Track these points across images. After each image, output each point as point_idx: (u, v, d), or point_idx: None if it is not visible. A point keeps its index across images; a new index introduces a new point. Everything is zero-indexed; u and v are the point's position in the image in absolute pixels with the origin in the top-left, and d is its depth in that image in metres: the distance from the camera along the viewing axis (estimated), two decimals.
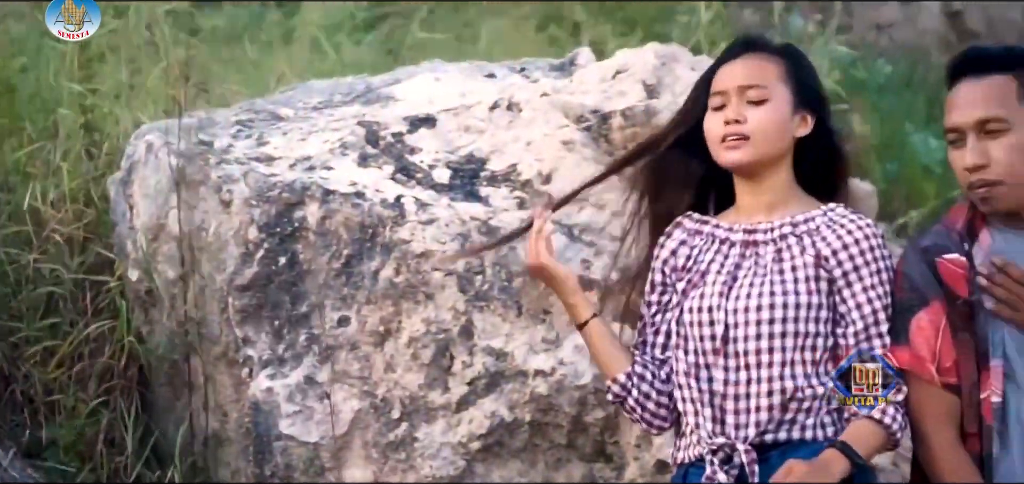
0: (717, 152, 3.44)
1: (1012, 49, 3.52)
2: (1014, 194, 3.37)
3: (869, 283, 3.42)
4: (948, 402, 3.40)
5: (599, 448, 4.14)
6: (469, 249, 4.04)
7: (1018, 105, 3.35)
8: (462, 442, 4.05)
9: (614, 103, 4.54)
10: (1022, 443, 3.37)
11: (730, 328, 3.39)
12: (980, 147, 3.36)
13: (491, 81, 4.84)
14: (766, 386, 3.36)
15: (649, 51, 4.72)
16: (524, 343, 4.07)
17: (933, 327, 3.41)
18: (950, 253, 3.44)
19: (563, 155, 4.36)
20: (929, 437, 3.41)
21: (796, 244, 3.44)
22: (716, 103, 3.46)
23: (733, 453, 3.36)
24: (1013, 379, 3.37)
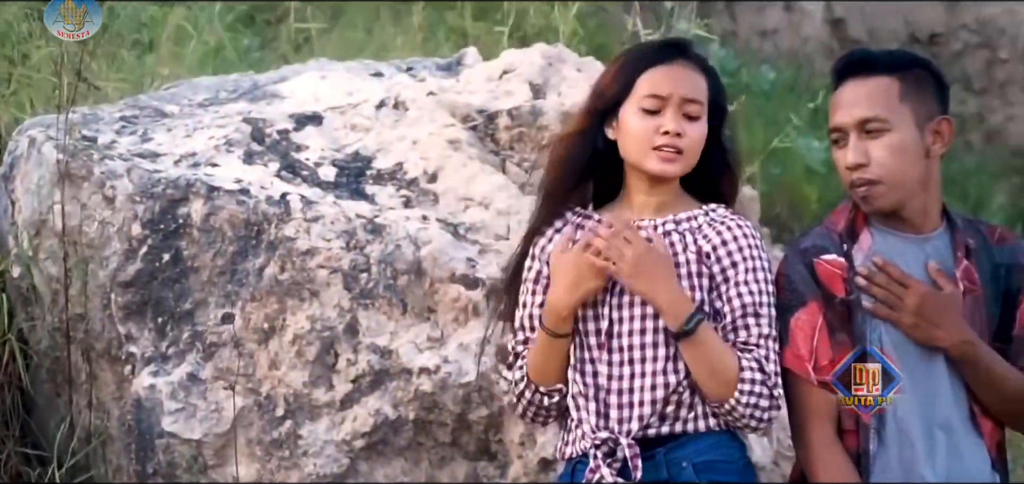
0: (643, 155, 3.46)
1: (896, 53, 3.62)
2: (893, 194, 3.45)
3: (743, 279, 3.47)
4: (825, 400, 3.47)
5: (483, 446, 4.16)
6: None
7: (899, 106, 3.43)
8: (346, 440, 4.04)
9: (501, 103, 4.56)
10: (898, 440, 3.44)
11: (614, 323, 3.42)
12: (861, 146, 3.44)
13: (378, 80, 4.85)
14: (649, 381, 3.40)
15: (536, 51, 4.75)
16: (409, 341, 4.07)
17: (810, 326, 3.48)
18: (828, 254, 3.51)
19: (449, 154, 4.37)
20: (806, 434, 3.48)
21: (679, 241, 3.48)
22: (651, 106, 3.46)
23: (616, 447, 3.39)
24: None
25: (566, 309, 3.38)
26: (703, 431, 3.43)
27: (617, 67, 3.52)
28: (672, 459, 3.41)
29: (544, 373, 3.44)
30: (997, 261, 3.55)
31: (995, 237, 3.60)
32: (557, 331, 3.40)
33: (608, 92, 3.49)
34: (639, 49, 3.63)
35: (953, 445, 3.45)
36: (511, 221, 4.25)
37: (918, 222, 3.52)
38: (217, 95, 4.80)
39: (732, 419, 3.43)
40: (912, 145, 3.45)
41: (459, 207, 4.29)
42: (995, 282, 3.54)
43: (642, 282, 3.37)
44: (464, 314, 4.10)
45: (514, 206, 4.27)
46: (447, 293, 4.09)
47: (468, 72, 4.85)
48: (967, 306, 3.48)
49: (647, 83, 3.46)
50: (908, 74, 3.48)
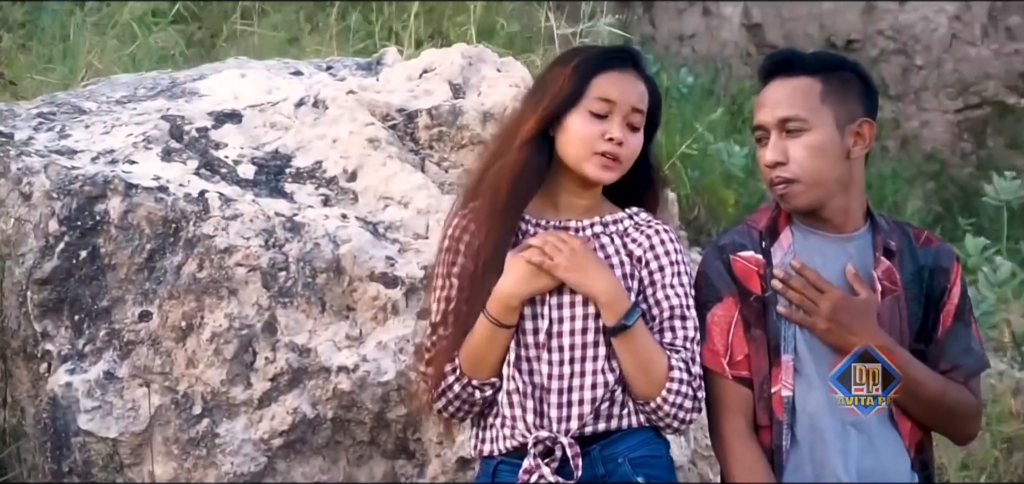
0: (584, 159, 3.48)
1: (822, 55, 3.67)
2: (810, 193, 3.50)
3: (669, 282, 3.51)
4: (740, 395, 3.51)
5: (401, 445, 4.16)
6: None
7: (820, 106, 3.48)
8: (264, 438, 4.03)
9: (420, 102, 4.57)
10: (810, 437, 3.48)
11: (554, 322, 3.44)
12: (780, 145, 3.49)
13: (297, 78, 4.84)
14: (589, 380, 3.43)
15: (456, 51, 4.76)
16: (327, 340, 4.06)
17: (726, 322, 3.52)
18: (746, 251, 3.56)
19: (369, 153, 4.37)
20: (720, 427, 3.52)
21: (609, 244, 3.51)
22: (600, 110, 3.48)
23: (553, 446, 3.41)
24: (803, 374, 3.49)
25: (516, 300, 3.40)
26: (635, 427, 3.48)
27: (570, 69, 3.50)
28: (607, 455, 3.45)
29: (481, 365, 3.45)
30: (921, 263, 3.60)
31: (921, 240, 3.65)
32: (504, 321, 3.41)
33: (561, 94, 3.48)
34: (591, 52, 3.63)
35: (867, 443, 3.49)
36: (430, 220, 4.25)
37: (839, 222, 3.56)
38: (135, 92, 4.77)
39: (656, 418, 3.47)
40: (831, 145, 3.49)
41: (378, 206, 4.29)
42: (918, 283, 3.58)
43: (579, 275, 3.39)
44: (383, 313, 4.10)
45: (433, 205, 4.28)
46: (366, 292, 4.09)
47: (388, 71, 4.85)
48: (887, 306, 3.53)
49: (599, 87, 3.48)
50: (832, 76, 3.53)
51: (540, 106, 3.49)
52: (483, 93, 4.59)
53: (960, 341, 3.60)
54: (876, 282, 3.53)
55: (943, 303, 3.61)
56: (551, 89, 3.50)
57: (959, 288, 3.63)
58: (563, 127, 3.47)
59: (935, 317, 3.60)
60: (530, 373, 3.45)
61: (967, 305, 3.65)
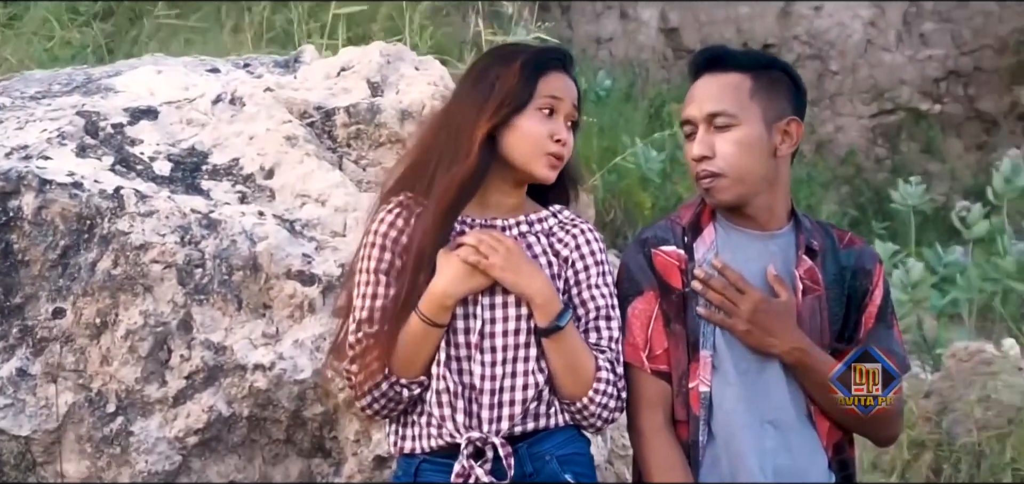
0: (535, 159, 3.49)
1: (753, 53, 3.70)
2: (735, 188, 3.52)
3: (595, 282, 3.53)
4: (658, 389, 3.53)
5: (318, 443, 4.14)
6: None
7: (749, 102, 3.50)
8: (179, 436, 4.00)
9: (338, 100, 4.56)
10: (726, 433, 3.50)
11: (487, 323, 3.44)
12: (707, 139, 3.51)
13: (214, 75, 4.81)
14: (521, 380, 3.44)
15: (374, 50, 4.75)
16: (243, 338, 4.04)
17: (646, 315, 3.54)
18: (668, 245, 3.57)
19: (286, 150, 4.35)
20: (638, 421, 3.54)
21: (536, 243, 3.52)
22: (548, 107, 3.49)
23: (484, 447, 3.41)
24: (721, 371, 3.50)
25: (450, 299, 3.40)
26: (561, 426, 3.49)
27: (517, 68, 3.50)
28: (535, 453, 3.46)
29: (411, 364, 3.43)
30: (843, 264, 3.63)
31: (844, 241, 3.68)
32: (437, 321, 3.40)
33: (513, 94, 3.48)
34: (531, 51, 3.60)
35: (783, 441, 3.51)
36: (348, 218, 4.24)
37: (763, 220, 3.58)
38: (50, 88, 4.72)
39: (581, 417, 3.49)
40: (758, 142, 3.52)
41: (296, 203, 4.27)
42: (840, 284, 3.61)
43: (514, 275, 3.40)
44: (300, 311, 4.08)
45: (351, 203, 4.26)
46: (283, 289, 4.07)
47: (305, 69, 4.83)
48: (808, 306, 3.55)
49: (546, 87, 3.49)
50: (762, 73, 3.56)
51: (490, 106, 3.48)
52: (401, 91, 4.58)
53: (881, 343, 3.63)
54: (798, 281, 3.56)
55: (865, 305, 3.64)
56: (499, 89, 3.48)
57: (881, 290, 3.66)
58: (512, 126, 3.47)
59: (857, 319, 3.63)
60: (460, 373, 3.45)
61: (889, 307, 3.68)
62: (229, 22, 8.29)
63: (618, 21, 16.15)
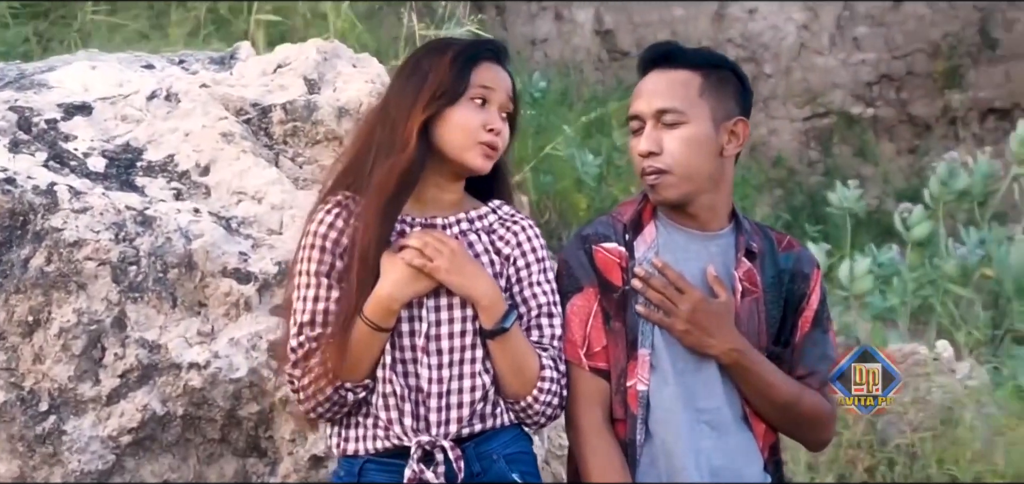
0: (468, 149, 3.47)
1: (703, 51, 3.68)
2: (681, 186, 3.51)
3: (537, 279, 3.52)
4: (597, 386, 3.52)
5: (253, 443, 4.10)
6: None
7: (698, 100, 3.49)
8: (112, 436, 3.94)
9: (275, 97, 4.52)
10: (663, 433, 3.49)
11: (432, 325, 3.41)
12: (655, 135, 3.50)
13: (149, 71, 4.76)
14: (469, 382, 3.42)
15: (311, 46, 4.72)
16: (178, 336, 3.99)
17: (585, 312, 3.53)
18: (610, 242, 3.56)
19: (222, 147, 4.31)
20: (577, 419, 3.53)
21: (476, 240, 3.50)
22: (481, 97, 3.47)
23: (433, 450, 3.39)
24: (659, 370, 3.50)
25: (397, 303, 3.37)
26: (506, 425, 3.48)
27: (449, 59, 3.48)
28: (482, 452, 3.46)
29: (356, 368, 3.40)
30: (782, 267, 3.64)
31: (783, 244, 3.69)
32: (383, 325, 3.37)
33: (445, 84, 3.45)
34: (464, 43, 3.58)
35: (720, 441, 3.51)
36: (284, 215, 4.21)
37: (705, 219, 3.58)
38: None
39: (524, 416, 3.48)
40: (706, 140, 3.51)
41: (232, 201, 4.23)
42: (778, 287, 3.62)
43: (459, 278, 3.37)
44: (235, 309, 4.04)
45: (288, 200, 4.23)
46: (219, 287, 4.03)
47: (241, 66, 4.79)
48: (746, 308, 3.55)
49: (479, 77, 3.47)
50: (711, 72, 3.55)
51: (423, 97, 3.45)
52: (338, 89, 4.55)
53: (817, 347, 3.64)
54: (737, 283, 3.56)
55: (802, 309, 3.65)
56: (431, 80, 3.46)
57: (818, 295, 3.67)
58: (445, 118, 3.45)
59: (793, 322, 3.63)
60: (405, 376, 3.42)
61: (825, 312, 3.69)
62: (163, 18, 8.23)
63: (553, 22, 16.16)
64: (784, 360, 3.61)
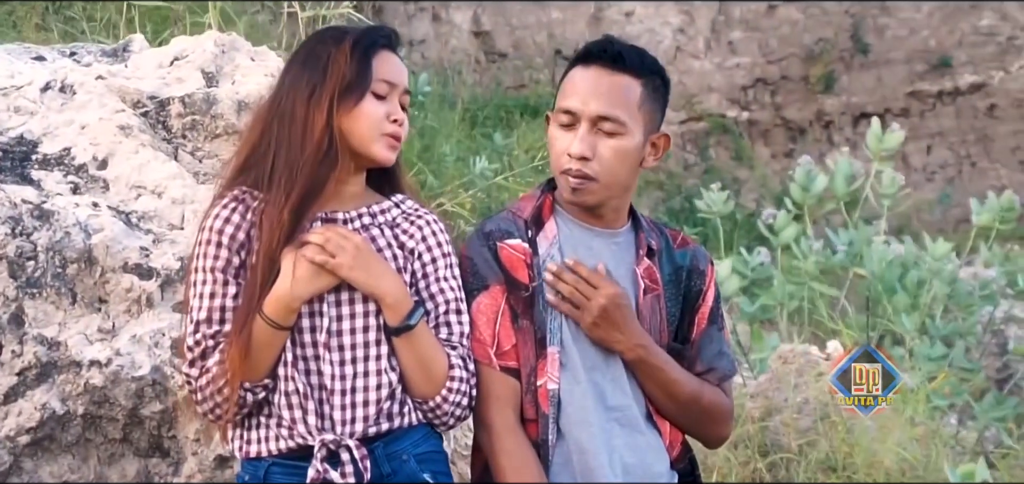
0: (373, 142, 3.39)
1: (643, 54, 3.57)
2: (602, 193, 3.46)
3: (443, 275, 3.46)
4: (508, 386, 3.45)
5: (155, 442, 3.99)
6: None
7: (637, 112, 3.43)
8: (9, 436, 3.81)
9: (172, 89, 4.42)
10: (575, 432, 3.44)
11: (333, 321, 3.33)
12: (590, 139, 3.42)
13: (41, 63, 4.63)
14: (374, 380, 3.35)
15: (208, 39, 4.62)
16: (79, 333, 3.88)
17: (492, 311, 3.46)
18: (513, 239, 3.50)
19: (120, 140, 4.20)
20: (489, 420, 3.46)
21: (380, 236, 3.42)
22: (382, 91, 3.39)
23: (337, 449, 3.31)
24: (568, 368, 3.45)
25: (298, 301, 3.28)
26: (415, 424, 3.41)
27: (347, 50, 3.38)
28: (392, 452, 3.38)
29: (256, 368, 3.31)
30: (678, 264, 3.61)
31: (677, 241, 3.66)
32: (283, 324, 3.28)
33: (349, 77, 3.36)
34: (360, 31, 3.46)
35: (630, 439, 3.48)
36: (186, 210, 4.11)
37: (610, 219, 3.54)
38: None
39: (433, 416, 3.42)
40: (635, 153, 3.46)
41: (131, 195, 4.12)
42: (676, 284, 3.59)
43: (363, 274, 3.30)
44: (137, 305, 3.94)
45: (189, 195, 4.13)
46: (119, 283, 3.92)
47: (136, 58, 4.67)
48: (648, 305, 3.53)
49: (379, 69, 3.39)
50: (648, 81, 3.48)
51: (327, 91, 3.35)
52: (237, 82, 4.46)
53: (714, 344, 3.63)
54: (639, 279, 3.53)
55: (698, 305, 3.63)
56: (333, 73, 3.36)
57: (713, 292, 3.66)
58: (348, 111, 3.36)
59: (690, 319, 3.62)
60: (307, 373, 3.34)
61: (719, 309, 3.67)
62: (32, 18, 8.06)
63: (430, 23, 16.12)
64: (684, 357, 3.59)
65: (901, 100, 17.17)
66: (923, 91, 17.47)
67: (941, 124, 16.13)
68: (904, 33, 17.15)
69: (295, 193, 3.31)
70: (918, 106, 17.29)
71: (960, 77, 17.51)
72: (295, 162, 3.33)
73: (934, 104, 17.54)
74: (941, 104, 17.56)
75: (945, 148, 16.86)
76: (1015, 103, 17.72)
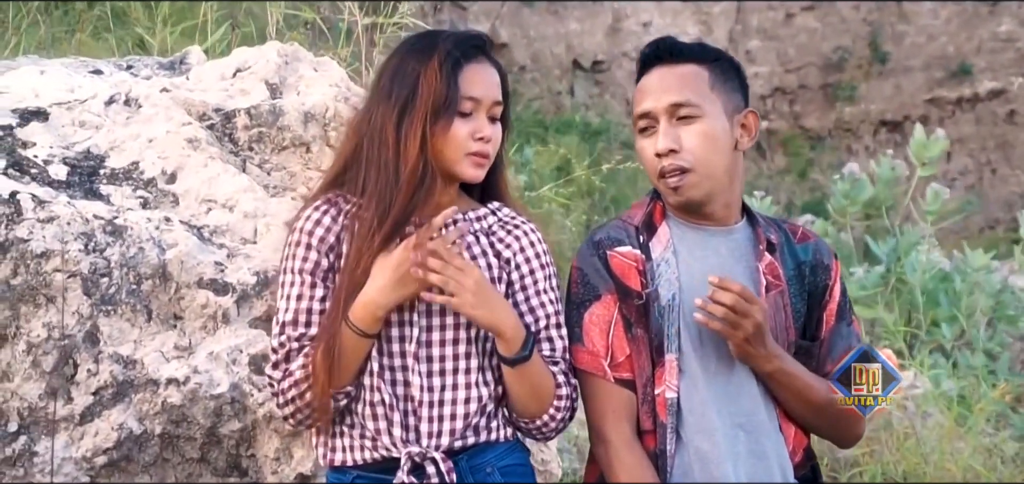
0: (458, 162, 3.31)
1: (701, 44, 3.55)
2: (704, 184, 3.38)
3: (543, 288, 3.39)
4: (623, 398, 3.38)
5: (234, 462, 3.91)
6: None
7: (710, 93, 3.37)
8: (86, 456, 3.73)
9: (237, 102, 4.34)
10: (697, 439, 3.36)
11: (423, 331, 3.27)
12: (672, 132, 3.36)
13: (99, 77, 4.55)
14: (463, 393, 3.28)
15: (270, 50, 4.55)
16: (155, 350, 3.79)
17: (605, 321, 3.39)
18: (624, 246, 3.42)
19: (189, 153, 4.11)
20: (606, 434, 3.38)
21: (475, 243, 3.36)
22: (468, 109, 3.31)
23: (423, 462, 3.24)
24: (687, 374, 3.36)
25: (382, 310, 3.22)
26: (503, 440, 3.34)
27: (436, 67, 3.30)
28: (476, 465, 3.32)
29: (340, 375, 3.24)
30: (801, 259, 3.53)
31: (798, 235, 3.58)
32: (369, 331, 3.21)
33: (438, 99, 3.28)
34: (449, 44, 3.37)
35: (755, 445, 3.40)
36: (258, 224, 4.03)
37: (721, 216, 3.46)
38: None
39: (536, 432, 3.36)
40: (722, 135, 3.40)
41: (201, 209, 4.05)
42: (799, 280, 3.51)
43: (486, 312, 3.22)
44: (213, 321, 3.86)
45: (260, 208, 4.05)
46: (195, 299, 3.85)
47: (198, 69, 4.60)
48: (771, 303, 3.44)
49: (465, 86, 3.31)
50: (715, 64, 3.43)
51: (417, 117, 3.28)
52: (302, 93, 4.38)
53: (844, 340, 3.55)
54: (761, 276, 3.45)
55: (826, 301, 3.55)
56: (423, 93, 3.29)
57: (840, 286, 3.57)
58: (433, 132, 3.29)
59: (819, 316, 3.53)
60: (394, 384, 3.28)
61: (847, 303, 3.59)
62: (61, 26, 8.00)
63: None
64: (812, 355, 3.50)
65: (920, 107, 17.09)
66: (942, 98, 17.39)
67: (961, 131, 16.06)
68: (922, 40, 17.07)
69: (389, 220, 3.24)
70: (937, 113, 17.21)
71: (979, 84, 17.43)
72: (388, 186, 3.28)
73: (953, 111, 17.46)
74: (960, 111, 17.49)
75: (965, 155, 16.79)
76: None
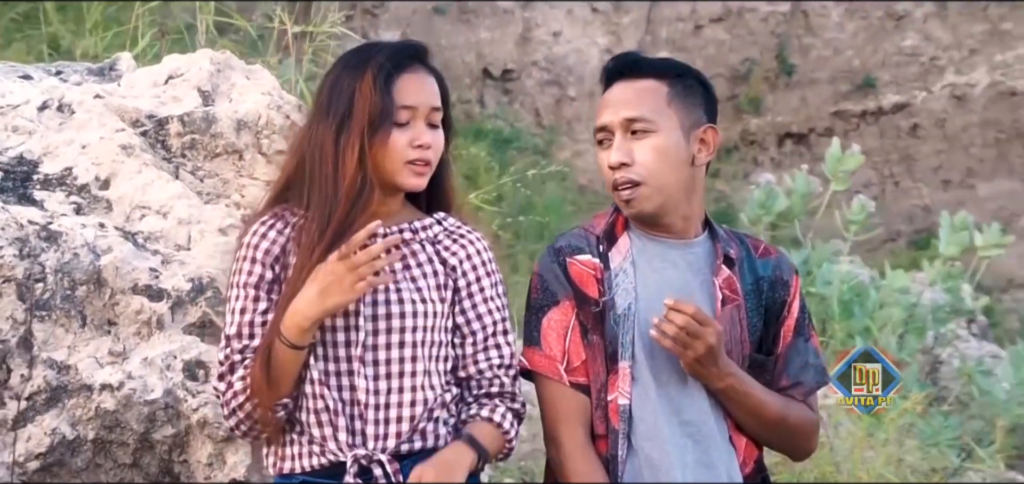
0: (399, 171, 3.34)
1: (667, 60, 3.61)
2: (656, 197, 3.44)
3: (490, 293, 3.44)
4: (578, 402, 3.44)
5: (166, 468, 3.91)
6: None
7: (666, 109, 3.43)
8: (18, 461, 3.72)
9: (170, 109, 4.35)
10: (647, 447, 3.42)
11: (370, 335, 3.30)
12: (625, 146, 3.42)
13: (29, 82, 4.53)
14: (409, 396, 3.32)
15: (203, 57, 4.55)
16: (89, 356, 3.80)
17: (562, 326, 3.45)
18: (583, 255, 3.49)
19: (122, 160, 4.11)
20: (559, 437, 3.45)
21: (421, 251, 3.39)
22: (404, 119, 3.34)
23: (370, 465, 3.28)
24: (640, 381, 3.43)
25: (309, 320, 3.22)
26: (444, 443, 3.38)
27: (369, 83, 3.33)
28: None
29: (277, 387, 3.27)
30: (760, 274, 3.59)
31: (759, 250, 3.64)
32: (297, 343, 3.24)
33: (374, 113, 3.32)
34: (382, 57, 3.40)
35: (703, 455, 3.46)
36: (192, 230, 4.04)
37: (680, 229, 3.52)
38: None
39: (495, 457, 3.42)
40: (676, 150, 3.45)
41: (135, 215, 4.05)
42: (757, 294, 3.57)
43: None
44: (148, 327, 3.87)
45: (194, 215, 4.06)
46: (129, 305, 3.85)
47: (129, 76, 4.59)
48: (727, 317, 3.50)
49: (401, 95, 3.34)
50: (677, 80, 3.49)
51: (356, 128, 3.32)
52: (235, 101, 4.39)
53: (800, 356, 3.61)
54: (717, 290, 3.51)
55: (783, 317, 3.61)
56: (359, 107, 3.32)
57: (799, 302, 3.63)
58: (371, 144, 3.33)
59: (776, 331, 3.59)
60: (339, 389, 3.31)
61: (806, 319, 3.65)
62: None
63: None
64: (767, 369, 3.57)
65: (826, 120, 17.37)
66: (847, 111, 17.68)
67: (865, 143, 16.25)
68: (828, 53, 17.35)
69: (330, 231, 3.27)
70: (842, 126, 17.49)
71: (884, 97, 17.74)
72: (328, 200, 3.31)
73: (858, 124, 17.76)
74: (865, 124, 17.79)
75: (869, 167, 17.05)
76: (937, 123, 17.98)
